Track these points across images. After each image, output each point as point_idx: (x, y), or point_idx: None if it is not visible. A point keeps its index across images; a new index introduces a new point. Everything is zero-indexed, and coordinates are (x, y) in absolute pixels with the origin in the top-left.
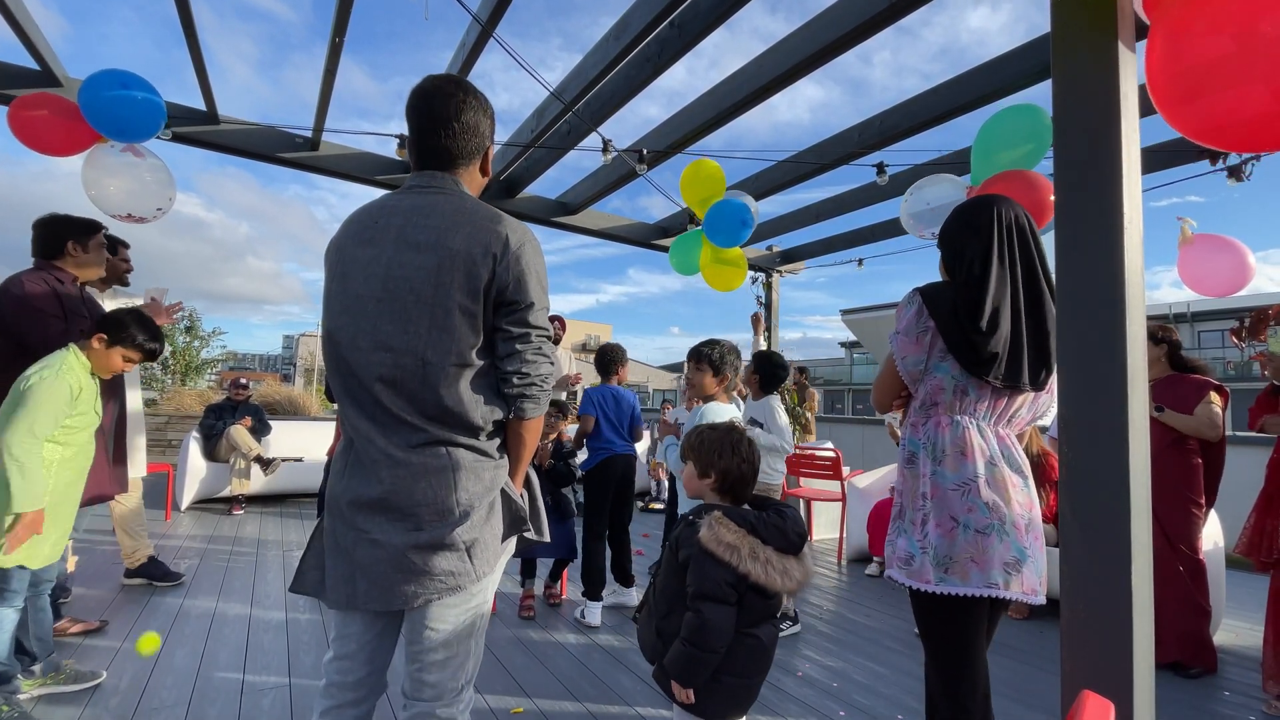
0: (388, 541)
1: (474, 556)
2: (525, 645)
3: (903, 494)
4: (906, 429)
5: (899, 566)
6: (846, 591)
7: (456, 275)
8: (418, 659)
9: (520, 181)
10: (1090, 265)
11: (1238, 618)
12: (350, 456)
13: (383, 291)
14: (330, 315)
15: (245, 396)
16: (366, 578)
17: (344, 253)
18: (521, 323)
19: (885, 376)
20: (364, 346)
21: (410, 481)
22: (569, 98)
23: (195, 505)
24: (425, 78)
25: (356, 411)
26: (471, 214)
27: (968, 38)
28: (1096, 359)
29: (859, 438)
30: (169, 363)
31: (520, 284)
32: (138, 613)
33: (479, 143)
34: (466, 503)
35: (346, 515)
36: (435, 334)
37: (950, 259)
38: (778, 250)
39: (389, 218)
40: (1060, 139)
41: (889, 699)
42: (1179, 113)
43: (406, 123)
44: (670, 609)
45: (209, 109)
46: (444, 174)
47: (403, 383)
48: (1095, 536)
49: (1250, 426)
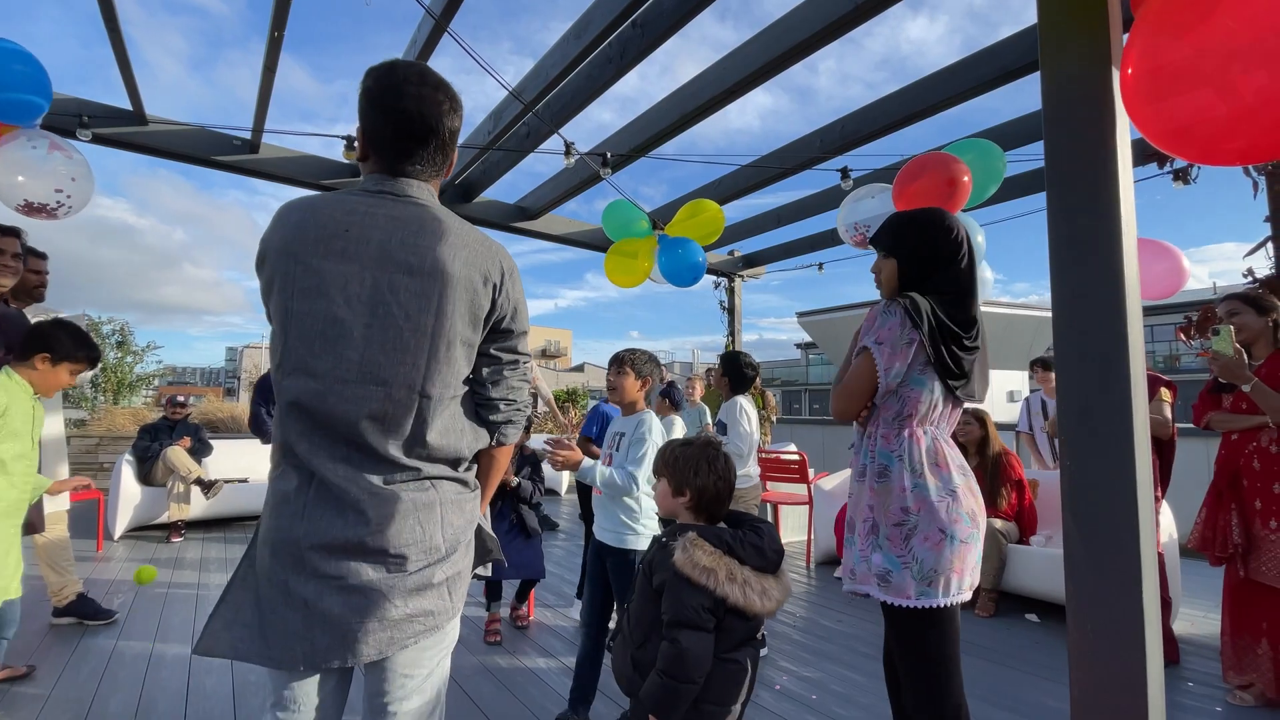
0: (365, 586)
1: (454, 593)
2: (493, 673)
3: (873, 508)
4: (873, 441)
5: (877, 584)
6: (816, 596)
7: (459, 305)
8: (386, 711)
9: (477, 185)
10: (1090, 269)
11: (1191, 606)
12: (310, 495)
13: (370, 317)
14: (302, 341)
15: (183, 415)
16: (331, 631)
17: (307, 264)
18: (513, 350)
19: (858, 384)
20: (350, 379)
21: (399, 520)
22: (528, 98)
23: (130, 534)
24: (400, 68)
25: (326, 453)
26: (462, 235)
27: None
28: (1099, 367)
29: (819, 438)
30: (99, 380)
31: (517, 313)
32: (68, 656)
33: (454, 148)
34: (452, 539)
35: (308, 561)
36: (435, 366)
37: (923, 266)
38: (739, 255)
39: (364, 228)
40: (1051, 135)
41: (867, 709)
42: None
43: (375, 115)
44: (646, 638)
45: (135, 108)
46: (418, 184)
47: (393, 418)
48: (1101, 549)
49: (1195, 422)
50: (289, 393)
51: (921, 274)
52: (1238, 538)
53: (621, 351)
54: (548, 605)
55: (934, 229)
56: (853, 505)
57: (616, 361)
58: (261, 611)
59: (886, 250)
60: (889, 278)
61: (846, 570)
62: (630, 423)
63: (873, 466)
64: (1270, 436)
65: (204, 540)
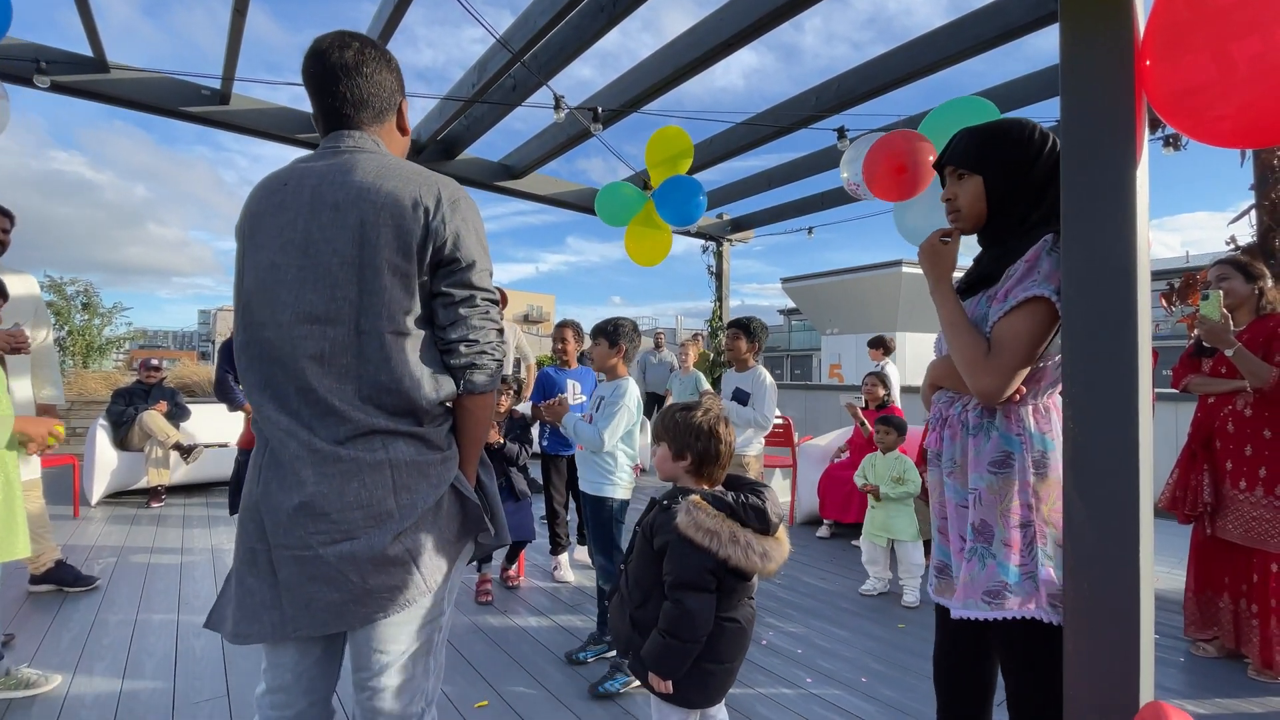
0: (316, 556)
1: (421, 565)
2: (485, 632)
3: (1032, 508)
4: (1014, 421)
5: (1048, 603)
6: (800, 556)
7: (384, 230)
8: (367, 686)
9: (459, 142)
10: (1102, 238)
11: (1160, 564)
12: (265, 458)
13: (302, 258)
14: (244, 291)
15: (158, 379)
16: (294, 601)
17: (256, 221)
18: (464, 284)
19: (1029, 348)
20: (285, 321)
21: (340, 481)
22: (515, 48)
23: (108, 500)
24: (317, 39)
25: (275, 405)
26: (397, 168)
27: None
28: (1109, 334)
29: (801, 403)
30: (66, 344)
31: (459, 241)
32: (48, 623)
33: (388, 98)
34: (409, 503)
35: (268, 528)
36: (366, 298)
37: (1018, 180)
38: (728, 219)
39: (301, 179)
40: (1069, 97)
41: (851, 661)
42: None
43: (307, 90)
44: (646, 598)
45: (96, 54)
46: (359, 133)
47: (334, 358)
48: (1101, 510)
49: (1174, 385)
50: (246, 348)
51: (1013, 189)
52: (1208, 497)
53: (601, 323)
54: (538, 565)
55: (1026, 132)
56: (974, 509)
57: (592, 333)
58: (236, 582)
59: (969, 168)
60: (972, 200)
61: (972, 593)
62: (611, 388)
63: (1021, 456)
64: (1246, 400)
65: (185, 505)
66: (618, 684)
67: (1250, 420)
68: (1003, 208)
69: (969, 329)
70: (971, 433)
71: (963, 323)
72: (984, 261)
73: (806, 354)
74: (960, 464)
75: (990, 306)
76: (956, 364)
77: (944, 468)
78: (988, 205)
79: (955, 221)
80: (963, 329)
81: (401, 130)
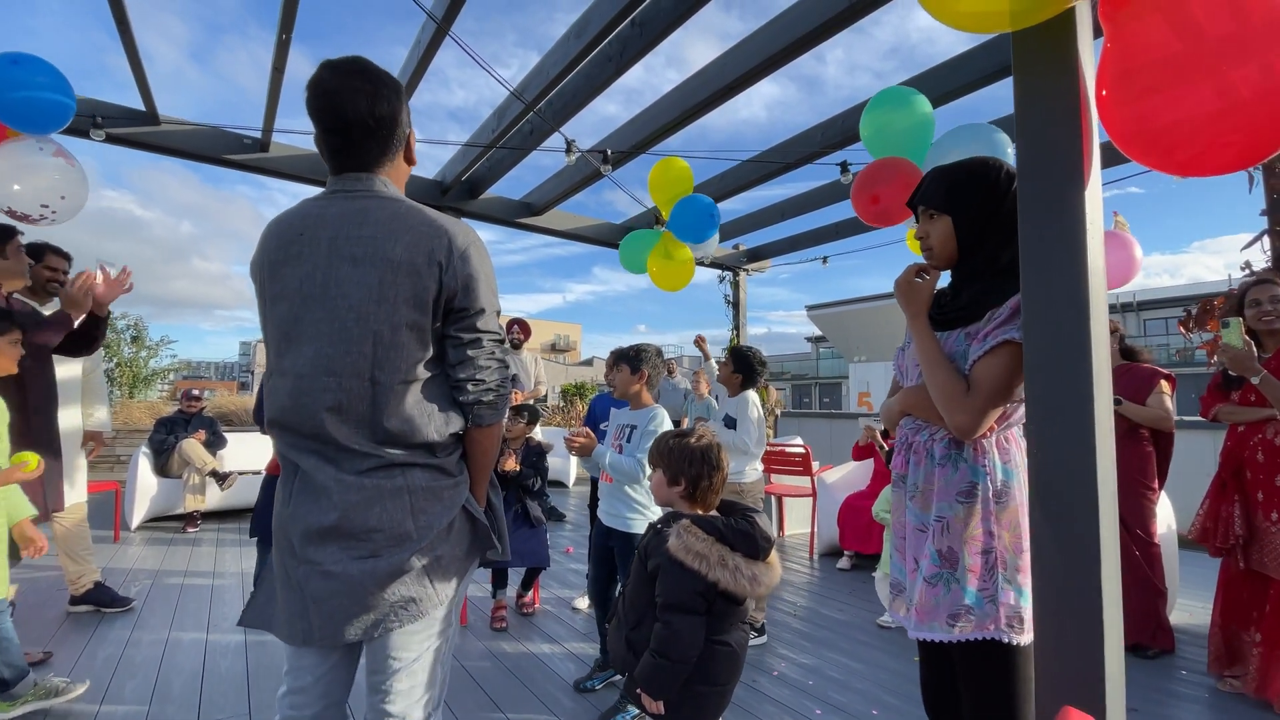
0: (342, 572)
1: (434, 580)
2: (498, 658)
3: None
4: (982, 453)
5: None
6: (818, 587)
7: (400, 289)
8: (379, 689)
9: (483, 182)
10: (1055, 264)
11: (1191, 598)
12: (294, 485)
13: (320, 311)
14: (269, 339)
15: (198, 408)
16: (320, 613)
17: (274, 271)
18: (471, 329)
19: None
20: (306, 373)
21: (364, 507)
22: (530, 97)
23: (147, 524)
24: (322, 65)
25: (301, 446)
26: (408, 219)
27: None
28: (1062, 359)
29: (826, 432)
30: (115, 375)
31: (468, 290)
32: (84, 642)
33: (399, 134)
34: (425, 525)
35: (296, 548)
36: (382, 352)
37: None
38: (744, 249)
39: (316, 229)
40: (1023, 138)
41: (863, 694)
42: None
43: (312, 122)
44: (640, 620)
45: (148, 108)
46: (368, 175)
47: (350, 408)
48: (1065, 532)
49: (1203, 415)
50: (274, 395)
51: (983, 229)
52: (1239, 529)
53: (624, 348)
54: (553, 593)
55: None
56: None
57: (612, 358)
58: (276, 591)
59: (938, 208)
60: (943, 240)
61: (936, 616)
62: (642, 416)
63: (985, 486)
64: (1276, 429)
65: (219, 530)
66: (628, 717)
67: None
68: (973, 247)
69: (947, 367)
70: (939, 463)
71: (940, 359)
72: (960, 297)
73: (835, 382)
74: (923, 490)
75: (970, 345)
76: (934, 399)
77: (907, 491)
78: (958, 244)
79: (929, 259)
80: (940, 366)
81: (408, 160)
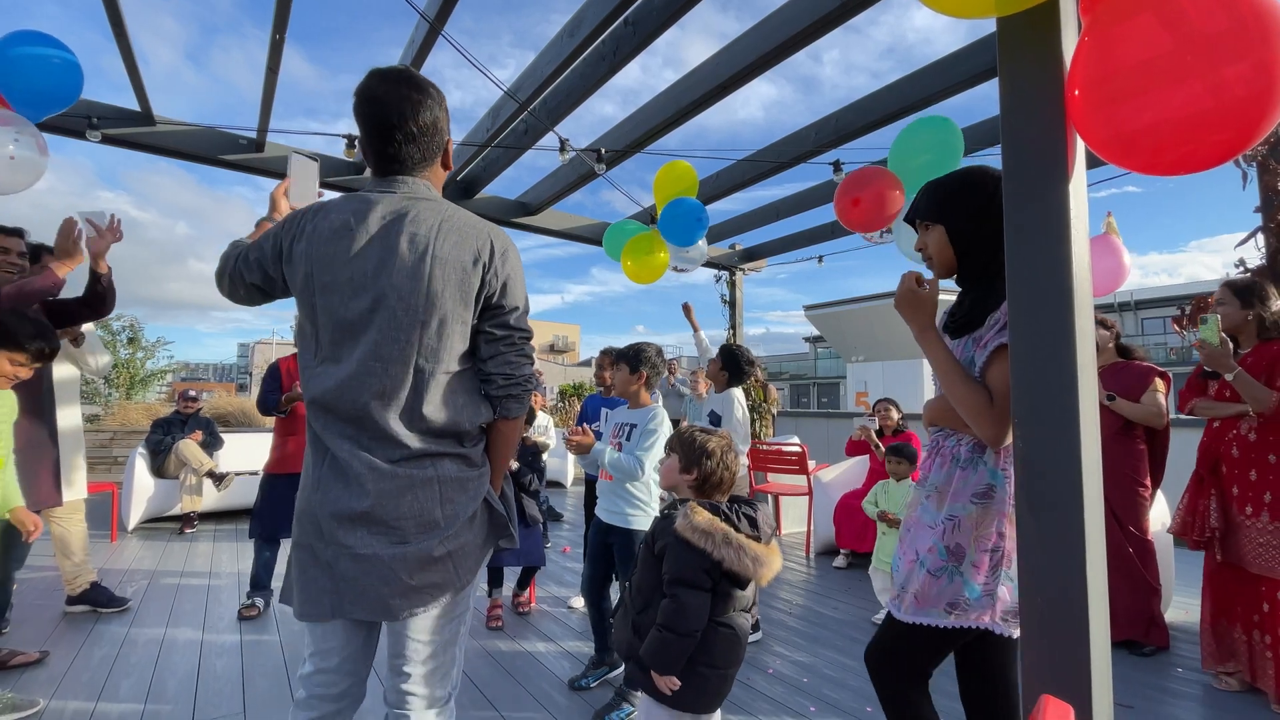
0: (373, 555)
1: (458, 566)
2: (494, 657)
3: (1004, 535)
4: (1000, 456)
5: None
6: (814, 585)
7: (449, 287)
8: (402, 671)
9: (478, 181)
10: (1040, 260)
11: (1186, 595)
12: (324, 470)
13: (373, 303)
14: (328, 333)
15: (195, 409)
16: (352, 589)
17: (324, 264)
18: (506, 325)
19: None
20: (356, 359)
21: (396, 495)
22: (524, 96)
23: (143, 525)
24: (371, 74)
25: (340, 427)
26: (454, 219)
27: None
28: (1048, 354)
29: (824, 432)
30: (112, 377)
31: (507, 288)
32: (81, 641)
33: (439, 140)
34: (452, 513)
35: (325, 529)
36: (427, 343)
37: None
38: (740, 248)
39: (365, 224)
40: (1008, 136)
41: (857, 691)
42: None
43: (358, 126)
44: (647, 603)
45: (143, 108)
46: (412, 179)
47: (393, 393)
48: (1049, 527)
49: (1180, 409)
50: (320, 379)
51: (975, 233)
52: (1215, 522)
53: (622, 347)
54: (549, 592)
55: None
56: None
57: (610, 357)
58: (298, 571)
59: (932, 219)
60: (939, 249)
61: (935, 603)
62: (642, 414)
63: (1002, 489)
64: (1250, 425)
65: (216, 531)
66: (623, 715)
67: (1255, 445)
68: (968, 252)
69: (964, 379)
70: (962, 465)
71: (955, 371)
72: (964, 304)
73: (833, 382)
74: (940, 490)
75: (975, 351)
76: (960, 413)
77: (925, 490)
78: (954, 252)
79: (931, 269)
80: (957, 379)
81: (445, 166)
